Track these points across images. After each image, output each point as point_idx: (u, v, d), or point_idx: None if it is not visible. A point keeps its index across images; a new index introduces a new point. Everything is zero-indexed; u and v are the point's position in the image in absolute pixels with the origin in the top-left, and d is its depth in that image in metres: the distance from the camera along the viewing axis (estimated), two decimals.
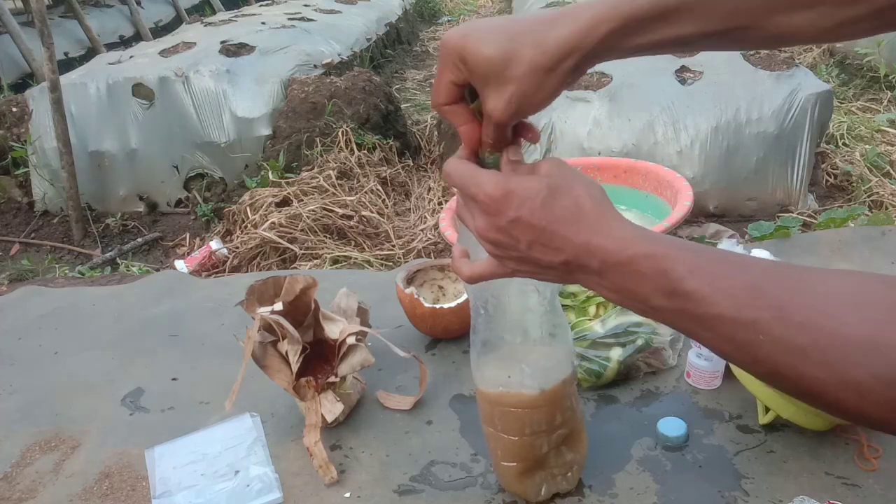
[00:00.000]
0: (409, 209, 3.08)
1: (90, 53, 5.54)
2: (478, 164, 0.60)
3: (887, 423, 0.42)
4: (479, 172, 0.56)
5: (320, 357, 1.00)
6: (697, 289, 0.47)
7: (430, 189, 3.19)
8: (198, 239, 3.06)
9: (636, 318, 1.05)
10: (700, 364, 1.01)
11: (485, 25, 0.55)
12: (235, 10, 5.68)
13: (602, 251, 0.51)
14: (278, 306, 0.98)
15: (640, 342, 1.03)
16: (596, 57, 0.55)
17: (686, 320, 0.49)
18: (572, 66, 0.54)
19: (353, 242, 2.73)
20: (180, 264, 2.67)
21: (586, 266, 0.53)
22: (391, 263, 2.60)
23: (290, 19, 4.44)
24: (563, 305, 1.09)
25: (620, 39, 0.54)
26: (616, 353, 1.02)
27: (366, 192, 2.91)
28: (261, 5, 5.60)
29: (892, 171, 2.94)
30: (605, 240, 0.52)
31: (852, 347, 0.41)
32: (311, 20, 4.55)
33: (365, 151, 3.15)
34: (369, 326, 1.05)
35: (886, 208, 2.70)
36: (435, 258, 2.24)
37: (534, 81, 0.54)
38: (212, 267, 2.68)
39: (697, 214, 2.60)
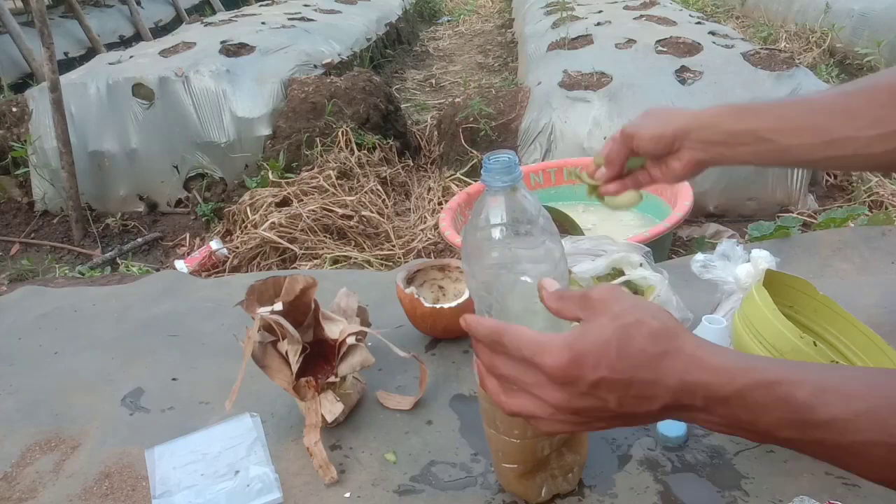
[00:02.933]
0: (409, 209, 3.08)
1: (90, 53, 5.55)
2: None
3: None
4: (539, 339, 0.51)
5: (320, 357, 1.00)
6: (834, 416, 0.43)
7: (430, 189, 3.19)
8: (198, 239, 3.06)
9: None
10: None
11: (654, 114, 0.88)
12: (235, 10, 5.69)
13: (703, 388, 0.47)
14: (278, 306, 0.98)
15: None
16: (699, 130, 0.82)
17: (825, 450, 0.45)
18: (677, 129, 0.83)
19: (353, 242, 2.73)
20: (180, 264, 2.67)
21: (689, 406, 0.48)
22: (391, 263, 2.60)
23: (290, 19, 4.44)
24: None
25: (720, 121, 0.80)
26: None
27: (366, 192, 2.92)
28: (261, 5, 5.61)
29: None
30: (702, 374, 0.47)
31: None
32: (311, 20, 4.55)
33: (365, 151, 3.15)
34: (369, 326, 1.05)
35: (886, 208, 2.70)
36: (435, 258, 2.24)
37: (693, 169, 0.86)
38: (212, 267, 2.68)
39: (697, 214, 2.60)
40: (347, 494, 0.89)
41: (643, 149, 0.84)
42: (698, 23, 4.05)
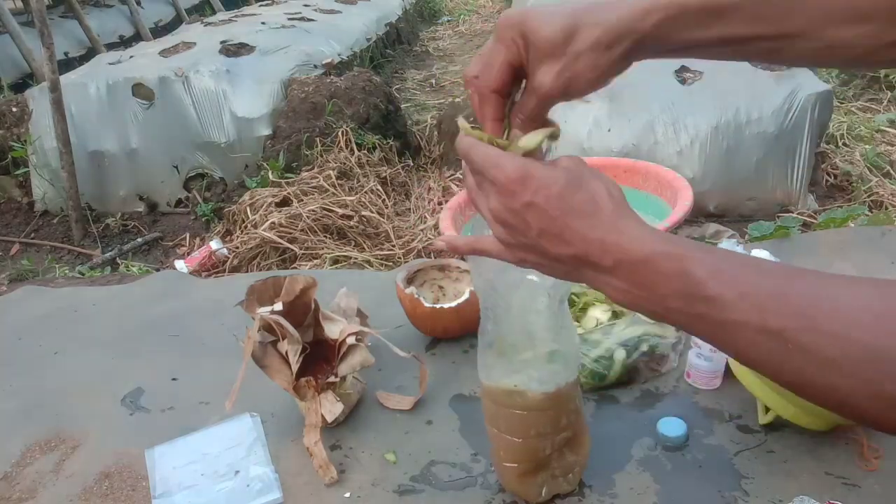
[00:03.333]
0: (409, 209, 3.08)
1: (90, 53, 5.55)
2: None
3: None
4: (500, 153, 0.55)
5: (320, 357, 1.00)
6: (720, 294, 0.46)
7: (430, 189, 3.19)
8: (198, 239, 3.06)
9: (644, 328, 1.04)
10: (700, 364, 1.01)
11: (543, 7, 0.55)
12: (235, 10, 5.68)
13: (617, 248, 0.50)
14: (278, 306, 0.98)
15: (644, 347, 1.03)
16: (648, 45, 0.55)
17: (705, 325, 0.48)
18: (626, 50, 0.54)
19: (353, 242, 2.73)
20: (180, 264, 2.67)
21: (597, 264, 0.51)
22: (391, 263, 2.60)
23: (290, 19, 4.44)
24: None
25: (674, 29, 0.54)
26: (620, 356, 1.01)
27: (366, 192, 2.91)
28: (261, 5, 5.60)
29: (892, 171, 2.94)
30: (620, 237, 0.50)
31: (887, 360, 0.40)
32: (311, 20, 4.55)
33: (365, 151, 3.15)
34: (368, 328, 1.05)
35: (886, 208, 2.70)
36: (435, 258, 2.24)
37: (590, 59, 0.54)
38: (212, 267, 2.68)
39: (697, 214, 2.60)
40: (347, 494, 0.89)
41: (579, 97, 0.59)
42: None
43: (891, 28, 0.52)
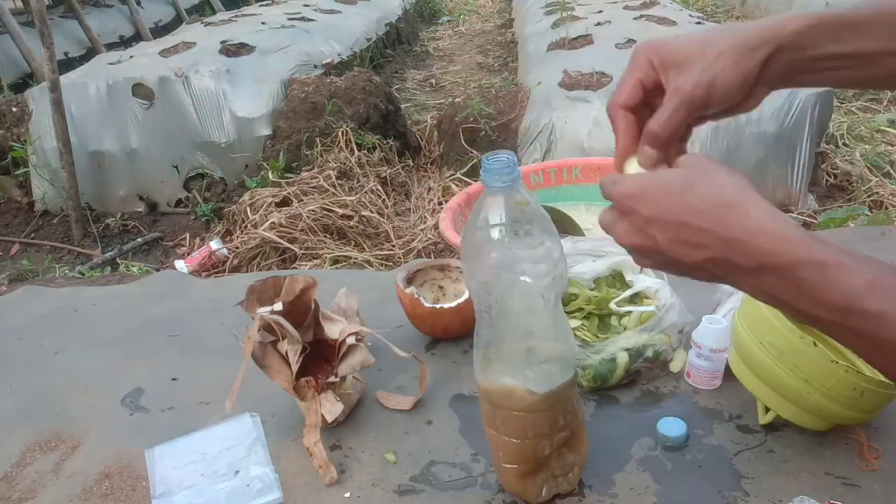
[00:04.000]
0: (409, 209, 3.08)
1: (90, 53, 5.55)
2: None
3: None
4: (619, 176, 0.53)
5: (320, 357, 1.00)
6: (882, 310, 0.43)
7: (430, 189, 3.20)
8: (198, 239, 3.06)
9: (648, 336, 1.04)
10: (700, 364, 1.01)
11: (716, 64, 0.54)
12: (235, 10, 5.69)
13: (759, 252, 0.46)
14: (278, 306, 0.98)
15: (648, 353, 1.02)
16: (786, 55, 0.54)
17: (859, 340, 0.45)
18: (766, 56, 0.53)
19: (353, 242, 2.73)
20: (180, 264, 2.67)
21: (740, 266, 0.48)
22: (391, 263, 2.60)
23: (290, 19, 4.44)
24: (573, 317, 1.09)
25: (811, 40, 0.54)
26: (623, 360, 1.01)
27: (366, 192, 2.92)
28: (261, 5, 5.61)
29: (892, 171, 2.94)
30: (760, 237, 0.46)
31: None
32: (311, 20, 4.55)
33: (365, 151, 3.15)
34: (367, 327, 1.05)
35: (886, 208, 2.70)
36: (435, 258, 2.24)
37: (731, 58, 0.53)
38: (212, 267, 2.68)
39: None
40: (347, 494, 0.89)
41: (722, 105, 0.57)
42: (698, 23, 4.06)
43: None
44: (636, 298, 1.10)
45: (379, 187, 3.01)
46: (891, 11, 0.53)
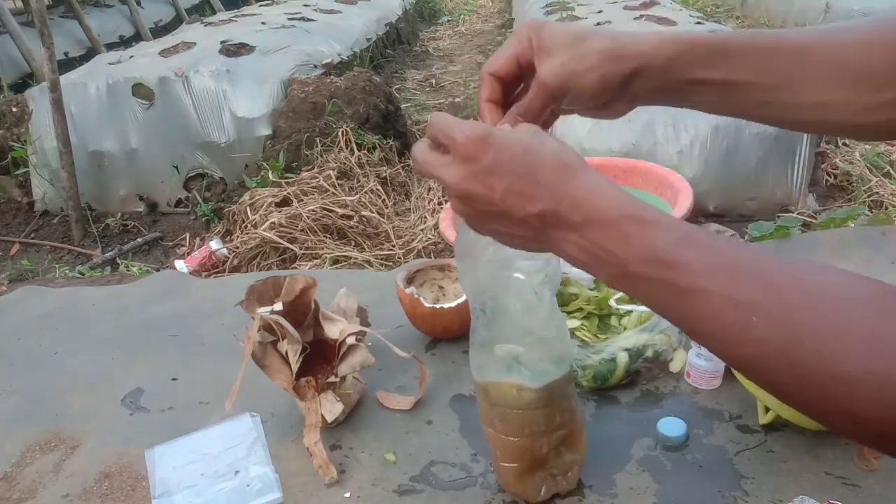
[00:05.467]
0: (409, 209, 3.08)
1: (90, 53, 5.55)
2: None
3: (875, 421, 0.40)
4: (461, 122, 0.53)
5: (320, 357, 1.00)
6: (688, 260, 0.45)
7: (430, 189, 3.19)
8: (198, 239, 3.06)
9: (649, 336, 1.04)
10: (700, 364, 1.01)
11: (581, 61, 0.58)
12: (235, 10, 5.69)
13: (589, 205, 0.49)
14: (278, 306, 0.98)
15: (649, 353, 1.03)
16: (653, 74, 0.57)
17: (665, 292, 0.46)
18: (632, 69, 0.56)
19: (353, 242, 2.73)
20: (180, 264, 2.67)
21: (566, 220, 0.49)
22: (391, 263, 2.60)
23: (290, 19, 4.44)
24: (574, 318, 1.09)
25: (682, 64, 0.57)
26: (623, 360, 1.01)
27: (366, 192, 2.92)
28: (261, 5, 5.60)
29: (892, 171, 2.94)
30: (592, 194, 0.49)
31: (851, 341, 0.40)
32: (311, 20, 4.55)
33: (365, 151, 3.15)
34: (369, 326, 1.05)
35: (886, 208, 2.70)
36: (435, 258, 2.24)
37: (595, 62, 0.56)
38: (212, 267, 2.68)
39: (697, 214, 2.60)
40: (347, 494, 0.89)
41: (579, 103, 0.60)
42: (698, 23, 4.06)
43: (873, 93, 0.55)
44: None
45: (379, 187, 3.01)
46: (759, 45, 0.57)
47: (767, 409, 0.92)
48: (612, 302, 1.08)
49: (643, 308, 1.07)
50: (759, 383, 0.45)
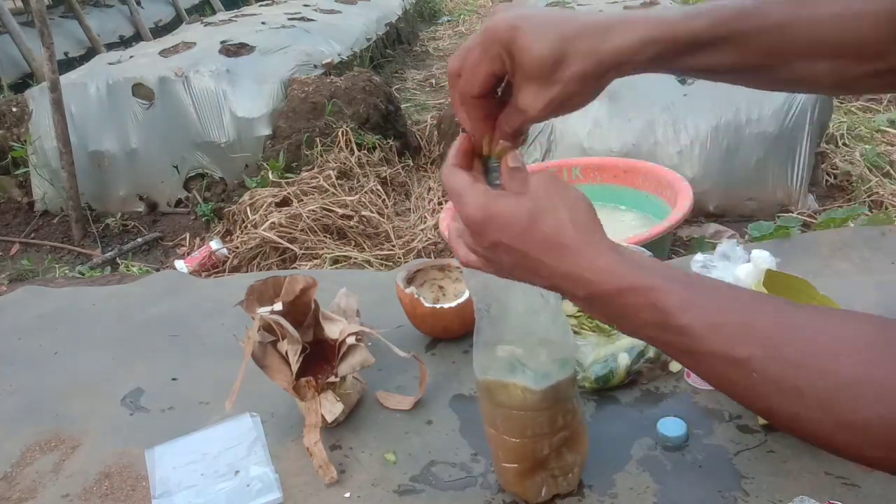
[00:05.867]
0: (409, 209, 3.08)
1: (90, 53, 5.55)
2: (474, 163, 0.60)
3: (888, 463, 0.42)
4: (466, 191, 0.55)
5: (320, 357, 1.00)
6: (689, 324, 0.47)
7: (430, 189, 3.19)
8: (198, 239, 3.06)
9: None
10: None
11: (536, 18, 0.53)
12: (235, 10, 5.68)
13: (585, 283, 0.51)
14: (278, 306, 0.98)
15: (650, 353, 1.02)
16: (635, 71, 0.56)
17: (678, 353, 0.50)
18: (612, 79, 0.55)
19: (353, 242, 2.73)
20: (180, 264, 2.67)
21: (572, 294, 0.53)
22: (391, 263, 2.60)
23: (290, 19, 4.44)
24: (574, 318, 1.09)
25: (667, 60, 0.55)
26: (624, 361, 1.01)
27: (366, 192, 2.92)
28: (261, 5, 5.60)
29: (892, 171, 2.94)
30: (587, 271, 0.51)
31: (849, 388, 0.41)
32: (311, 20, 4.55)
33: (365, 151, 3.15)
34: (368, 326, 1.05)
35: (886, 208, 2.70)
36: (435, 258, 2.24)
37: (578, 87, 0.54)
38: (212, 267, 2.68)
39: (697, 214, 2.60)
40: (347, 494, 0.89)
41: (559, 116, 0.58)
42: None
43: (855, 65, 0.55)
44: None
45: (379, 187, 3.01)
46: (742, 30, 0.54)
47: None
48: None
49: None
50: (782, 430, 0.48)
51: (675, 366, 1.06)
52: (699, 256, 1.05)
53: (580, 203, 0.54)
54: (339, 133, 3.12)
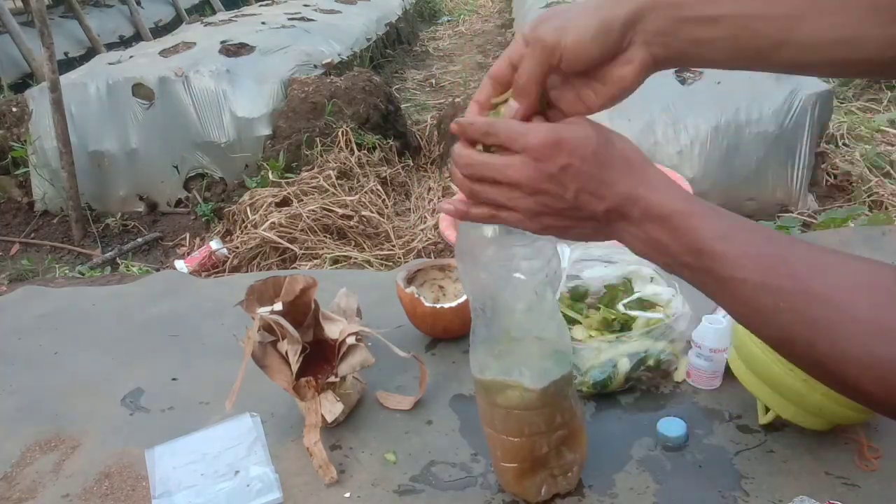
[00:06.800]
0: (409, 209, 3.08)
1: (90, 53, 5.55)
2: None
3: (882, 399, 0.46)
4: (525, 125, 0.56)
5: (320, 357, 1.00)
6: (725, 251, 0.50)
7: (430, 189, 3.20)
8: (198, 239, 3.06)
9: (651, 342, 1.03)
10: (700, 364, 1.01)
11: (574, 15, 0.55)
12: (235, 10, 5.69)
13: (645, 201, 0.54)
14: (278, 306, 0.98)
15: (650, 362, 1.02)
16: (658, 16, 0.54)
17: (709, 279, 0.52)
18: (631, 12, 0.54)
19: (353, 242, 2.73)
20: (180, 264, 2.67)
21: (628, 215, 0.54)
22: (391, 263, 2.60)
23: (290, 19, 4.44)
24: (569, 318, 1.09)
25: (687, 2, 0.54)
26: (623, 367, 1.01)
27: (366, 192, 2.91)
28: (261, 5, 5.60)
29: (892, 171, 2.94)
30: (649, 191, 0.54)
31: (861, 327, 0.45)
32: (311, 20, 4.55)
33: (365, 151, 3.15)
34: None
35: (886, 208, 2.70)
36: (435, 258, 2.24)
37: (590, 10, 0.54)
38: (212, 267, 2.68)
39: None
40: (347, 494, 0.89)
41: (574, 60, 0.55)
42: None
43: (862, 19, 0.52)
44: (645, 304, 1.09)
45: (379, 187, 3.01)
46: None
47: (767, 409, 0.92)
48: (620, 306, 1.08)
49: (651, 314, 1.06)
50: (786, 359, 0.52)
51: (678, 374, 1.05)
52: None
53: (631, 140, 0.58)
54: (339, 133, 3.12)
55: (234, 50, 3.60)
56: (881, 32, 0.52)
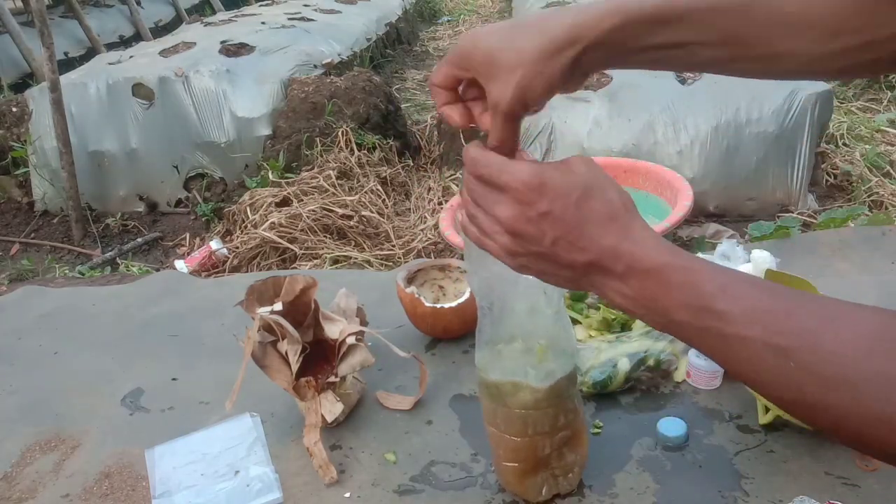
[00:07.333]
0: (409, 209, 3.08)
1: (90, 53, 5.55)
2: None
3: None
4: (512, 161, 0.55)
5: (320, 357, 1.00)
6: (728, 309, 0.47)
7: (430, 189, 3.19)
8: (198, 239, 3.06)
9: (651, 342, 1.03)
10: (700, 364, 1.01)
11: (493, 25, 0.56)
12: (235, 10, 5.68)
13: (629, 256, 0.51)
14: (278, 306, 0.98)
15: (650, 362, 1.02)
16: (598, 52, 0.55)
17: (710, 338, 0.49)
18: (574, 56, 0.54)
19: (353, 242, 2.73)
20: (180, 264, 2.67)
21: (610, 269, 0.52)
22: (391, 263, 2.60)
23: (290, 19, 4.43)
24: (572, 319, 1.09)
25: (624, 38, 0.55)
26: (623, 368, 1.01)
27: (366, 192, 2.91)
28: (261, 5, 5.60)
29: (892, 171, 2.94)
30: (634, 245, 0.52)
31: (881, 382, 0.42)
32: (311, 20, 4.55)
33: (365, 151, 3.15)
34: (366, 325, 1.05)
35: (886, 208, 2.70)
36: (435, 258, 2.24)
37: (535, 67, 0.54)
38: (212, 267, 2.68)
39: (697, 214, 2.60)
40: (347, 494, 0.89)
41: (539, 104, 0.59)
42: None
43: (821, 42, 0.54)
44: None
45: (379, 187, 3.01)
46: (699, 6, 0.55)
47: (767, 409, 0.92)
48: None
49: None
50: (802, 421, 0.48)
51: (678, 375, 1.05)
52: (699, 256, 1.05)
53: (620, 188, 0.55)
54: (339, 133, 3.12)
55: (234, 50, 3.60)
56: (809, 50, 0.55)
